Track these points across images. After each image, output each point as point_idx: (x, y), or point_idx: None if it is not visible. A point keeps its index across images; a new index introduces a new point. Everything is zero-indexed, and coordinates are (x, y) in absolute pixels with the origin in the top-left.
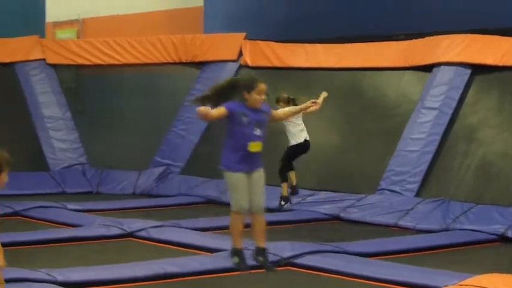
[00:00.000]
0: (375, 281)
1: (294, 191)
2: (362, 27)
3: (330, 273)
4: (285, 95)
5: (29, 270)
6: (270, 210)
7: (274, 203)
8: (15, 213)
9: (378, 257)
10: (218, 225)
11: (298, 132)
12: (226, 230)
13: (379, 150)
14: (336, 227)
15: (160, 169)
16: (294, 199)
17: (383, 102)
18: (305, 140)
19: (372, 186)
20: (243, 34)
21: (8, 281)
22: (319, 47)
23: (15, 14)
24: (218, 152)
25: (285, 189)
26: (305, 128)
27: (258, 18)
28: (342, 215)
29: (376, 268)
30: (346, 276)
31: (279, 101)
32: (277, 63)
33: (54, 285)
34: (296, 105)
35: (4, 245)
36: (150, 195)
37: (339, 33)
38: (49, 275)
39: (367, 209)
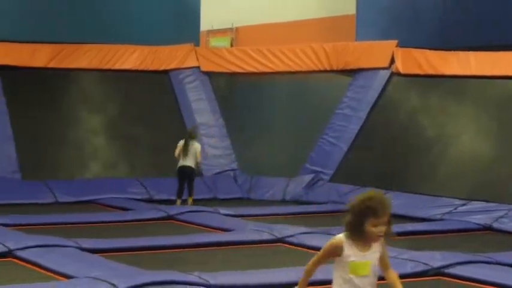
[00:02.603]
0: None
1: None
2: None
3: (481, 284)
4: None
5: (181, 273)
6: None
7: None
8: (169, 217)
9: None
10: None
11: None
12: None
13: None
14: (487, 238)
15: (310, 176)
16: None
17: None
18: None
19: None
20: (395, 41)
21: (161, 283)
22: (471, 54)
23: (171, 22)
24: (368, 160)
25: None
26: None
27: (409, 26)
28: (494, 225)
29: None
30: (498, 287)
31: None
32: (429, 71)
33: None
34: (194, 138)
35: (158, 248)
36: (300, 202)
37: (491, 41)
38: (201, 278)
39: None
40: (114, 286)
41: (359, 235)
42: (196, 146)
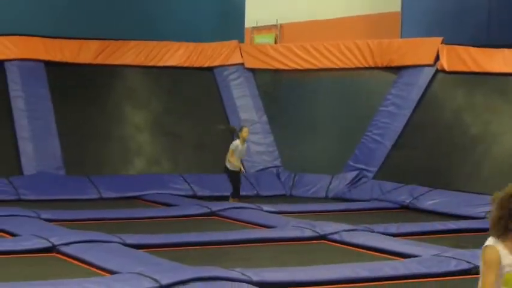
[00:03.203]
0: None
1: None
2: None
3: None
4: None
5: (224, 269)
6: None
7: None
8: (212, 214)
9: None
10: (410, 231)
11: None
12: (418, 236)
13: None
14: None
15: (353, 173)
16: (487, 207)
17: None
18: None
19: None
20: (440, 39)
21: (204, 279)
22: None
23: (216, 19)
24: (412, 158)
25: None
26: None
27: (454, 23)
28: None
29: None
30: None
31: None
32: (474, 68)
33: (249, 285)
34: (237, 137)
35: (200, 244)
36: (343, 199)
37: None
38: (244, 274)
39: None
40: (157, 282)
41: (508, 237)
42: (232, 143)
